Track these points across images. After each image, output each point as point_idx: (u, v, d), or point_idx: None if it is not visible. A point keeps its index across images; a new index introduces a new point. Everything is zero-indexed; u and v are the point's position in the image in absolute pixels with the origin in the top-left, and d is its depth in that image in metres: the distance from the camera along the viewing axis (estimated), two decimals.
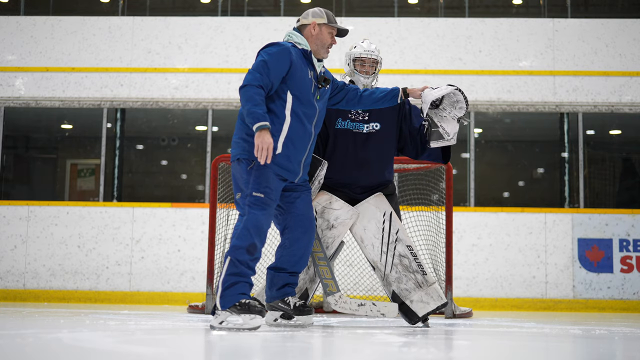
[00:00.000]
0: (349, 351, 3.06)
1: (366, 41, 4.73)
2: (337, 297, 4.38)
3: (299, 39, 4.20)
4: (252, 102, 3.90)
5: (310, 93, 4.12)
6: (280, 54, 4.04)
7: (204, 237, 7.69)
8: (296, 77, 4.06)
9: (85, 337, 3.28)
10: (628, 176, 9.98)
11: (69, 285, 8.01)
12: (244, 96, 3.94)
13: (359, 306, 4.37)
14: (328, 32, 4.24)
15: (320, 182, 4.51)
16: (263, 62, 3.99)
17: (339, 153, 4.55)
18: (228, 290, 3.85)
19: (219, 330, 3.78)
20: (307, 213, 4.19)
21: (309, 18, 4.23)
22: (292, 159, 4.06)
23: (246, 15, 9.52)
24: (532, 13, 10.03)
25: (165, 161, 11.01)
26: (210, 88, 8.57)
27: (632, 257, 7.85)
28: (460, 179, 8.87)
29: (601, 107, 8.48)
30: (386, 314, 4.36)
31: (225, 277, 3.87)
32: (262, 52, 4.08)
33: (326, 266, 4.42)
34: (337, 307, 4.38)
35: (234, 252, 3.87)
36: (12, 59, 8.70)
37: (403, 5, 9.81)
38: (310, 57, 4.16)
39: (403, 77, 8.53)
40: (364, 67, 4.63)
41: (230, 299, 3.83)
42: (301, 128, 4.07)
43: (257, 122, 3.85)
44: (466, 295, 7.78)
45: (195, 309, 6.04)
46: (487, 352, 3.20)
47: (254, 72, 3.98)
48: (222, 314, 3.85)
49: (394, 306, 4.38)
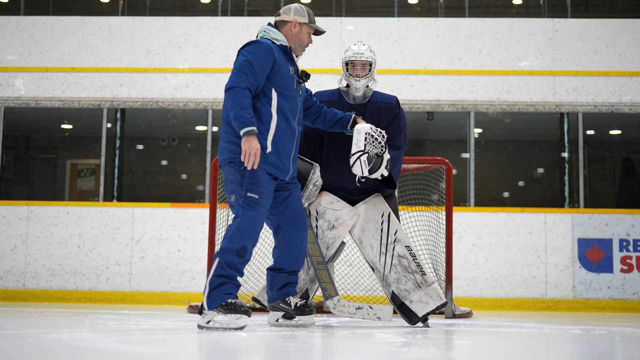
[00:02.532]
0: (349, 351, 3.06)
1: (358, 44, 4.70)
2: (335, 301, 4.41)
3: (277, 35, 4.16)
4: (239, 105, 3.87)
5: (294, 89, 4.13)
6: (263, 52, 4.00)
7: (204, 237, 7.69)
8: (280, 74, 4.04)
9: (85, 337, 3.28)
10: (628, 176, 9.98)
11: (69, 285, 8.01)
12: (231, 99, 3.90)
13: (356, 310, 4.41)
14: (307, 32, 4.24)
15: (316, 184, 4.51)
16: (247, 62, 3.95)
17: (334, 157, 4.55)
18: (215, 290, 3.86)
19: (206, 329, 3.81)
20: (299, 210, 4.19)
21: (291, 15, 4.20)
22: (282, 156, 4.05)
23: (246, 15, 9.52)
24: (532, 13, 10.03)
25: (165, 161, 11.01)
26: (210, 88, 8.57)
27: (632, 257, 7.85)
28: (460, 179, 8.87)
29: (601, 107, 8.48)
30: (382, 318, 4.42)
31: (212, 277, 3.88)
32: (244, 52, 4.02)
33: (324, 270, 4.43)
34: (335, 310, 4.41)
35: (224, 255, 3.88)
36: (12, 59, 8.70)
37: (403, 5, 9.80)
38: (290, 53, 4.15)
39: (403, 77, 8.53)
40: (355, 69, 4.60)
41: (217, 299, 3.85)
42: (287, 125, 4.07)
43: (244, 127, 3.84)
44: (466, 295, 7.78)
45: (195, 309, 6.03)
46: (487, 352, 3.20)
47: (238, 72, 3.93)
48: (209, 314, 3.87)
49: (389, 309, 4.42)
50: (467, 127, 8.63)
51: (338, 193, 4.57)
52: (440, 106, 8.54)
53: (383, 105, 4.61)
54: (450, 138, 10.12)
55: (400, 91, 8.42)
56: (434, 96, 8.50)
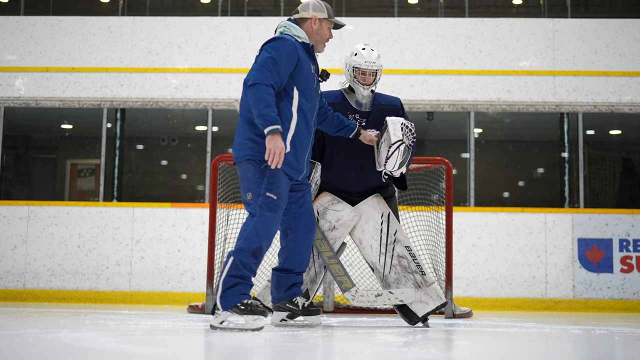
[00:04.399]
0: (349, 351, 3.06)
1: (367, 48, 4.54)
2: (353, 292, 4.39)
3: (298, 31, 4.06)
4: (264, 102, 3.75)
5: (314, 88, 4.05)
6: (287, 49, 3.90)
7: (204, 237, 7.69)
8: (303, 72, 3.95)
9: (85, 337, 3.28)
10: (628, 176, 9.98)
11: (69, 285, 8.01)
12: (255, 96, 3.77)
13: (376, 297, 4.37)
14: (327, 27, 4.14)
15: (317, 184, 4.51)
16: (272, 59, 3.84)
17: (336, 160, 4.55)
18: (229, 290, 3.79)
19: (220, 330, 3.77)
20: (310, 212, 4.16)
21: (310, 12, 4.10)
22: (299, 157, 3.99)
23: (246, 15, 9.52)
24: (532, 13, 10.03)
25: (165, 161, 11.01)
26: (210, 88, 8.57)
27: (632, 257, 7.85)
28: (460, 179, 8.87)
29: (601, 107, 8.48)
30: (405, 300, 4.36)
31: (226, 277, 3.80)
32: (268, 48, 3.90)
33: (337, 263, 4.42)
34: (355, 301, 4.39)
35: (239, 254, 3.80)
36: (12, 59, 8.70)
37: (403, 5, 9.81)
38: (312, 51, 4.05)
39: (403, 77, 8.53)
40: (365, 78, 4.51)
41: (232, 300, 3.78)
42: (305, 125, 4.00)
43: (269, 125, 3.72)
44: (466, 295, 7.78)
45: (195, 309, 6.04)
46: (487, 352, 3.20)
47: (262, 69, 3.82)
48: (223, 314, 3.79)
49: (409, 291, 4.37)
50: (467, 127, 8.64)
51: (339, 194, 4.57)
52: (440, 106, 8.54)
53: (387, 107, 4.60)
54: (450, 138, 10.12)
55: (400, 91, 8.42)
56: (434, 96, 8.50)
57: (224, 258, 6.07)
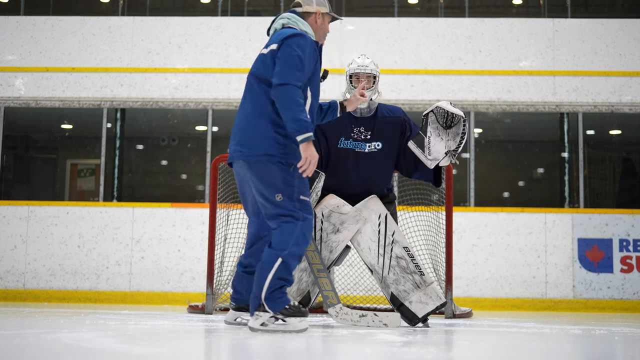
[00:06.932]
0: (349, 351, 3.06)
1: (362, 57, 4.71)
2: (337, 309, 4.33)
3: (306, 27, 3.89)
4: (298, 106, 3.60)
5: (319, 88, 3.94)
6: (311, 49, 3.75)
7: (204, 237, 7.69)
8: (317, 73, 3.85)
9: (85, 337, 3.28)
10: (628, 176, 9.98)
11: (69, 285, 8.01)
12: (287, 97, 3.62)
13: (360, 317, 4.27)
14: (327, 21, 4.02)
15: (318, 194, 4.52)
16: (299, 57, 3.67)
17: (341, 171, 4.60)
18: (276, 292, 3.71)
19: (261, 332, 3.69)
20: None
21: (314, 6, 3.94)
22: None
23: (246, 15, 9.52)
24: (532, 13, 10.03)
25: (165, 161, 11.01)
26: (210, 88, 8.57)
27: (632, 257, 7.85)
28: (460, 179, 8.86)
29: (601, 107, 8.48)
30: (389, 325, 4.27)
31: (275, 279, 3.69)
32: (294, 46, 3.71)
33: (326, 277, 4.37)
34: (338, 319, 4.31)
35: (290, 258, 3.72)
36: (12, 59, 8.70)
37: (403, 5, 9.80)
38: (321, 50, 3.90)
39: (403, 77, 8.53)
40: (359, 82, 4.61)
41: (280, 302, 3.72)
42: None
43: (305, 133, 3.60)
44: (466, 295, 7.78)
45: (195, 309, 6.03)
46: (487, 352, 3.20)
47: (291, 68, 3.65)
48: (264, 316, 3.72)
49: (396, 316, 4.29)
50: (467, 127, 8.63)
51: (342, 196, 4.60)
52: None
53: (391, 120, 4.66)
54: None
55: (400, 91, 8.43)
56: (434, 96, 8.50)
57: (224, 258, 6.08)
